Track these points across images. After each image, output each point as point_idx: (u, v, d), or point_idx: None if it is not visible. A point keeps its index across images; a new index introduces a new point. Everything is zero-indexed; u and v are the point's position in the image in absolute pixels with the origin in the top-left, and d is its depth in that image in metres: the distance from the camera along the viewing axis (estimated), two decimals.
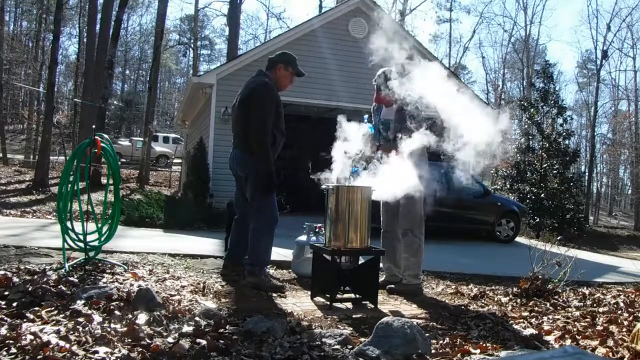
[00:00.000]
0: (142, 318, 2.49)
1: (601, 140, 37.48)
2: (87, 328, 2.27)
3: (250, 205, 3.90)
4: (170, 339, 2.24)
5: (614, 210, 40.81)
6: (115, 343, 2.13)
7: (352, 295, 3.60)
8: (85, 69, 20.34)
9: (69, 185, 3.94)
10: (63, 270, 3.56)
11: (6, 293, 2.78)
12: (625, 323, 3.12)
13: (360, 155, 4.06)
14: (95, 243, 4.04)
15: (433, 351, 2.46)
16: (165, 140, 29.30)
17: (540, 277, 4.16)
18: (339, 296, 3.56)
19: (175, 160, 26.10)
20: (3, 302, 2.63)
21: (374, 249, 3.70)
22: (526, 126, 19.56)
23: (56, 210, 4.26)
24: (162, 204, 9.92)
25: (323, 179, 3.72)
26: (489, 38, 72.62)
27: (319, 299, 3.63)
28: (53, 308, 2.59)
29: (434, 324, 3.14)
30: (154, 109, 23.14)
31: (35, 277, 3.26)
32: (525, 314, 3.52)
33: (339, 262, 3.57)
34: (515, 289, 4.26)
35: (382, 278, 4.19)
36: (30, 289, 2.86)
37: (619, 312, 3.57)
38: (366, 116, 4.20)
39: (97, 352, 2.01)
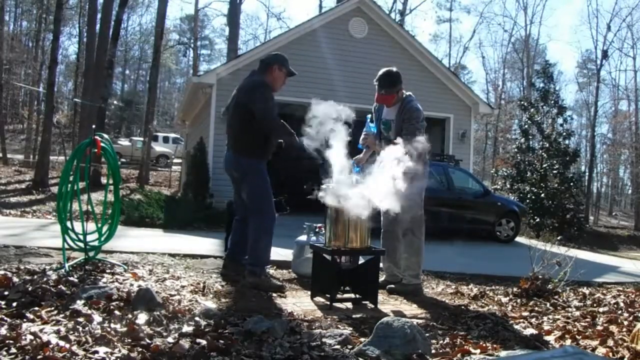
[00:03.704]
0: (142, 318, 2.49)
1: (601, 140, 37.49)
2: (87, 328, 2.27)
3: (248, 206, 3.91)
4: (170, 339, 2.24)
5: (614, 210, 40.80)
6: (115, 343, 2.13)
7: (352, 295, 3.60)
8: (85, 69, 20.32)
9: (69, 185, 3.94)
10: (63, 270, 3.56)
11: (6, 293, 2.78)
12: (626, 323, 3.12)
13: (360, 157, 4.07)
14: (95, 243, 4.04)
15: (433, 351, 2.46)
16: (165, 140, 29.26)
17: (540, 277, 4.16)
18: (339, 296, 3.56)
19: (175, 160, 26.06)
20: (3, 302, 2.63)
21: (374, 249, 3.70)
22: (526, 126, 19.58)
23: (56, 210, 4.26)
24: (162, 203, 9.92)
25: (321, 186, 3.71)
26: (489, 38, 72.81)
27: (319, 299, 3.63)
28: (53, 308, 2.60)
29: (434, 324, 3.14)
30: (154, 109, 23.11)
31: (35, 277, 3.26)
32: (525, 314, 3.52)
33: (339, 262, 3.57)
34: (515, 289, 4.26)
35: (382, 278, 4.18)
36: (30, 289, 2.86)
37: (619, 312, 3.57)
38: (369, 116, 4.20)
39: (97, 352, 2.01)
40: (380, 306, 3.53)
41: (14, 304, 2.60)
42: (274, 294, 3.67)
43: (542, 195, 17.35)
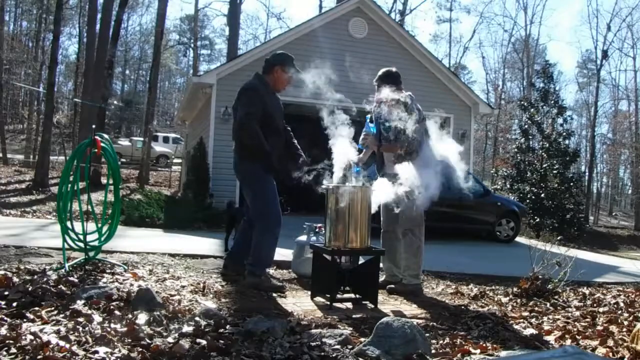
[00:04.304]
0: (142, 318, 2.49)
1: (601, 140, 37.51)
2: (87, 328, 2.27)
3: (250, 208, 3.91)
4: (170, 339, 2.24)
5: (614, 210, 40.80)
6: (115, 343, 2.13)
7: (352, 295, 3.60)
8: (85, 69, 20.32)
9: (69, 185, 3.94)
10: (63, 270, 3.56)
11: (6, 293, 2.78)
12: (626, 323, 3.12)
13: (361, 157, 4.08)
14: (95, 243, 4.04)
15: (433, 351, 2.46)
16: (165, 140, 29.26)
17: (540, 277, 4.16)
18: (339, 296, 3.56)
19: (175, 160, 26.07)
20: (3, 302, 2.63)
21: (374, 249, 3.70)
22: (526, 126, 19.59)
23: (56, 210, 4.26)
24: (162, 204, 9.92)
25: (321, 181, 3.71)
26: (489, 38, 72.89)
27: (319, 299, 3.63)
28: (53, 308, 2.60)
29: (434, 324, 3.14)
30: (154, 109, 23.11)
31: (35, 277, 3.26)
32: (525, 314, 3.52)
33: (339, 262, 3.57)
34: (515, 289, 4.26)
35: (382, 278, 4.18)
36: (30, 289, 2.86)
37: (619, 312, 3.58)
38: (369, 116, 4.20)
39: (97, 352, 2.01)
40: (380, 306, 3.53)
41: (14, 304, 2.60)
42: (274, 294, 3.67)
43: (542, 195, 17.36)
